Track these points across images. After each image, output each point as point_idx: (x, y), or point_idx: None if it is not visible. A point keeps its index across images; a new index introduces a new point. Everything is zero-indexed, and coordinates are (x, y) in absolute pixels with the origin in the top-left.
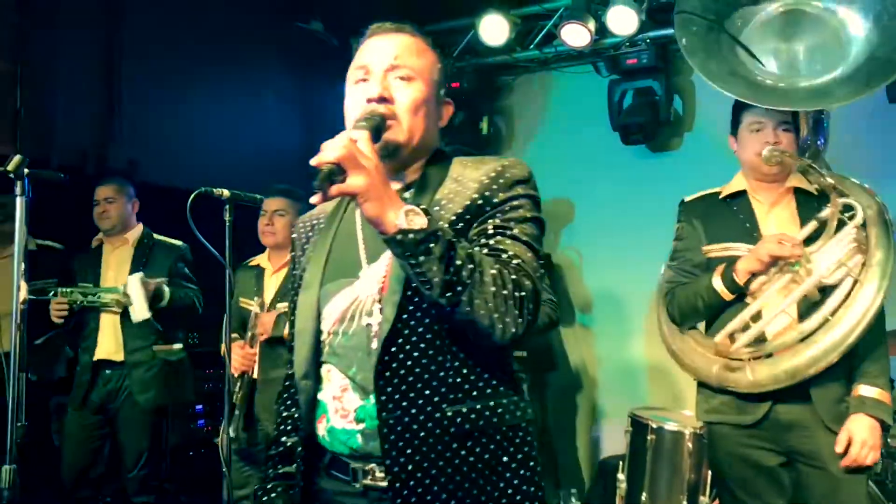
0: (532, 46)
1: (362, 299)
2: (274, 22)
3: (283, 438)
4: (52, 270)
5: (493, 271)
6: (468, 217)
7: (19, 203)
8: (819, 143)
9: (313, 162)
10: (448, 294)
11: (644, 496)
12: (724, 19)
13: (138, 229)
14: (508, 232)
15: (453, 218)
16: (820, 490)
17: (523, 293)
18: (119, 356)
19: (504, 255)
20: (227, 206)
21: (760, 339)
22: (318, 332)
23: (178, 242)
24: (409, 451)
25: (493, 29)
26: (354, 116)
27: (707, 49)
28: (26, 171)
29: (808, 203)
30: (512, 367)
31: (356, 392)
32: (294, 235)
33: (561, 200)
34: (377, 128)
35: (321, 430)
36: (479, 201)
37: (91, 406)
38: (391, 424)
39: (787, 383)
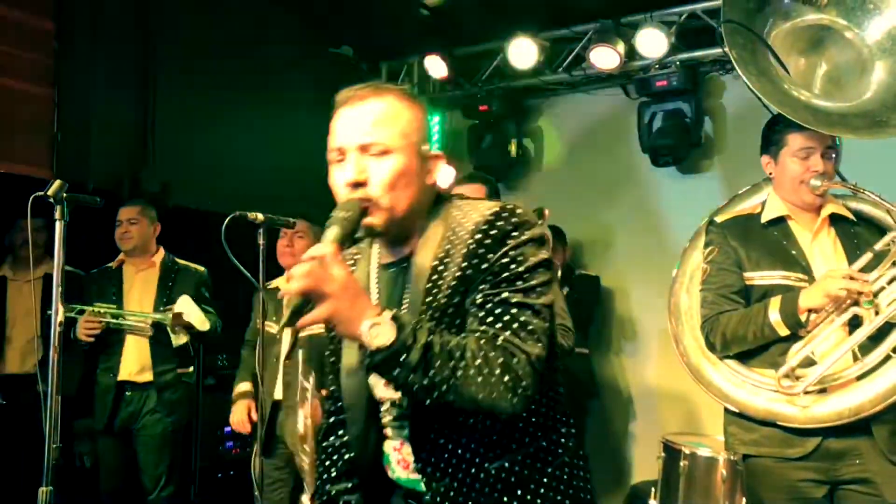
0: (561, 69)
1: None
2: (306, 47)
3: (328, 487)
4: (70, 294)
5: (479, 361)
6: (462, 289)
7: (58, 227)
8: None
9: (279, 296)
10: (434, 395)
11: None
12: (758, 23)
13: (161, 253)
14: (497, 298)
15: (453, 283)
16: None
17: (513, 373)
18: (142, 377)
19: (493, 329)
20: (261, 230)
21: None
22: (368, 403)
23: (200, 268)
24: None
25: (522, 52)
26: (338, 201)
27: (758, 64)
28: (65, 195)
29: (847, 231)
30: (553, 402)
31: (409, 445)
32: None
33: (593, 223)
34: (358, 218)
35: (391, 475)
36: (469, 270)
37: (116, 428)
38: (442, 493)
39: (850, 420)
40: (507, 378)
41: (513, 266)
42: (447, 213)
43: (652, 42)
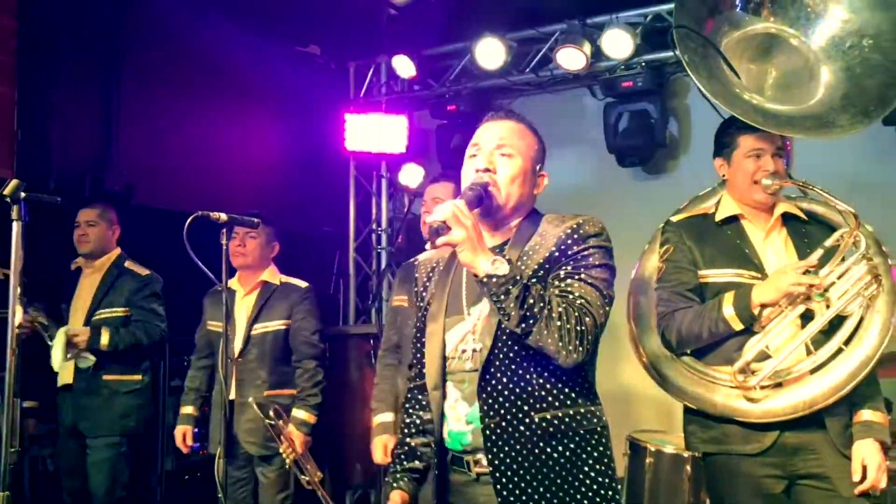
0: (528, 70)
1: (470, 332)
2: (272, 46)
3: (408, 440)
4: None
5: (560, 309)
6: (547, 266)
7: (16, 228)
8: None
9: (428, 220)
10: (522, 325)
11: None
12: (712, 33)
13: (112, 256)
14: (577, 276)
15: (536, 266)
16: None
17: (583, 328)
18: (80, 382)
19: (571, 296)
20: (225, 230)
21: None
22: (444, 355)
23: (145, 272)
24: (506, 447)
25: (490, 52)
26: (465, 183)
27: (708, 67)
28: (23, 194)
29: (798, 229)
30: (589, 381)
31: (464, 402)
32: (416, 274)
33: None
34: (479, 196)
35: (444, 433)
36: (556, 253)
37: (67, 430)
38: (492, 427)
39: (805, 412)
40: (579, 329)
41: (591, 258)
42: (539, 221)
43: (617, 43)
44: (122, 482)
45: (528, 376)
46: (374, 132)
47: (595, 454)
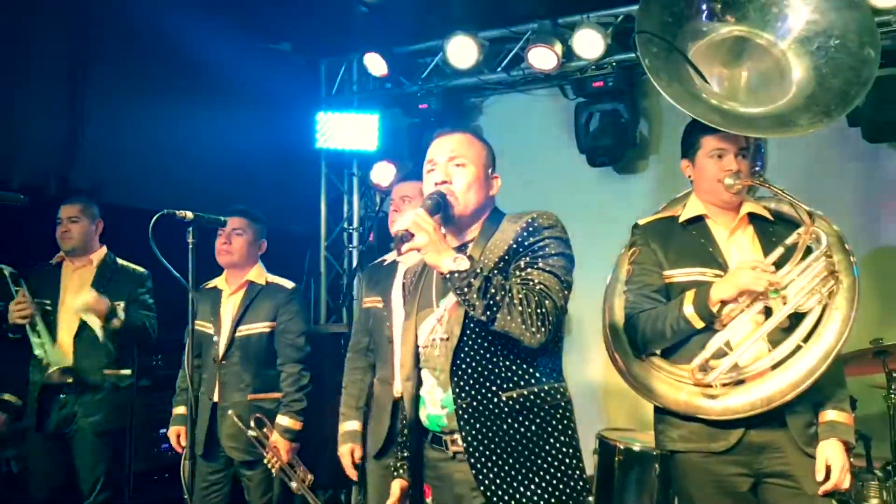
0: (499, 69)
1: (438, 323)
2: (242, 42)
3: (406, 431)
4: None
5: (521, 295)
6: (507, 258)
7: None
8: (758, 166)
9: (393, 231)
10: (487, 313)
11: None
12: (677, 39)
13: (102, 251)
14: (536, 266)
15: (497, 259)
16: None
17: (544, 310)
18: (72, 378)
19: (531, 283)
20: (191, 229)
21: (732, 366)
22: (417, 346)
23: (141, 269)
24: (477, 425)
25: (461, 51)
26: (425, 195)
27: (669, 71)
28: None
29: (764, 229)
30: (552, 362)
31: (439, 388)
32: (404, 280)
33: None
34: (437, 203)
35: (422, 416)
36: (514, 246)
37: (48, 430)
38: (464, 408)
39: (763, 409)
40: (541, 310)
41: (547, 248)
42: (500, 221)
43: (588, 43)
44: (112, 477)
45: (494, 359)
46: (345, 130)
47: (560, 426)
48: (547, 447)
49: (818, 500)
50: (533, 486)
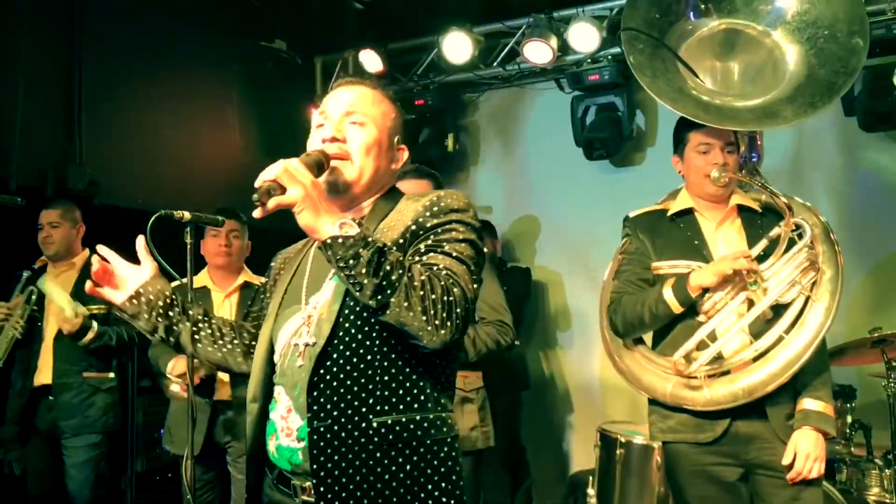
0: (495, 63)
1: (304, 324)
2: (237, 41)
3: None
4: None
5: (423, 278)
6: (403, 241)
7: None
8: (753, 158)
9: (256, 183)
10: (378, 296)
11: None
12: (666, 36)
13: (84, 255)
14: (439, 250)
15: (396, 234)
16: (780, 500)
17: (451, 298)
18: (57, 381)
19: (435, 268)
20: (188, 229)
21: (716, 358)
22: (271, 358)
23: None
24: (335, 459)
25: (457, 46)
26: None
27: (654, 67)
28: None
29: (752, 221)
30: (447, 384)
31: (298, 413)
32: (273, 265)
33: (526, 217)
34: (318, 161)
35: (272, 446)
36: (413, 227)
37: (40, 433)
38: (320, 433)
39: (745, 400)
40: (447, 298)
41: (453, 233)
42: (398, 200)
43: (584, 36)
44: (104, 481)
45: (370, 371)
46: None
47: (442, 469)
48: (422, 495)
49: (806, 491)
50: None
